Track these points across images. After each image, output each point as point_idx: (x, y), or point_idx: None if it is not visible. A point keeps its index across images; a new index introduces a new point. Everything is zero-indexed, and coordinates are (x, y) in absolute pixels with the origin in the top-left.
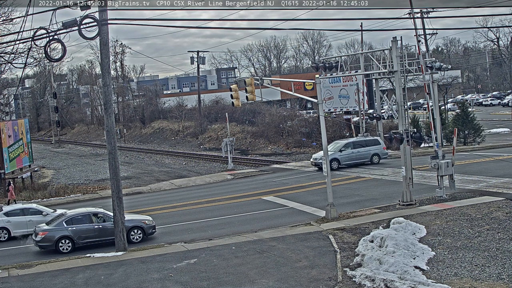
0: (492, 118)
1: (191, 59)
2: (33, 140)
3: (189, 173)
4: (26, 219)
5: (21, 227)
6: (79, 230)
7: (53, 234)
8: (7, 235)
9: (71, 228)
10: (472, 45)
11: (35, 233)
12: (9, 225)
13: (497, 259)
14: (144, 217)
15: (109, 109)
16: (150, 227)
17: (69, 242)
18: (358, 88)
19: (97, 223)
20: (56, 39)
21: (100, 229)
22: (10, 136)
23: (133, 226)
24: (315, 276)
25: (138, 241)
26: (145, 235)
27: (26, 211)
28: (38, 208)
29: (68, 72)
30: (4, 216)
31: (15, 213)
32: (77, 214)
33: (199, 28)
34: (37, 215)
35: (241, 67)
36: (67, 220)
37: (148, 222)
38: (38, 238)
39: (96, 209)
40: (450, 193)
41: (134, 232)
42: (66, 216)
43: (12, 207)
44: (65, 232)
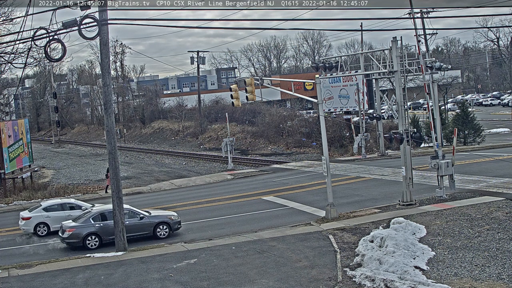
0: (492, 118)
1: (191, 59)
2: (33, 140)
3: (189, 173)
4: (65, 214)
5: (60, 221)
6: (106, 226)
7: (80, 231)
8: (46, 230)
9: (98, 225)
10: (472, 45)
11: (62, 230)
12: (48, 220)
13: (497, 259)
14: (170, 213)
15: (109, 109)
16: (176, 223)
17: (96, 238)
18: (358, 88)
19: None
20: (56, 39)
21: (126, 225)
22: (10, 136)
23: (160, 222)
24: (315, 276)
25: (164, 237)
26: (171, 230)
27: (65, 206)
28: (77, 203)
29: (68, 72)
30: (43, 211)
31: (54, 208)
32: (104, 210)
33: (202, 28)
34: (76, 210)
35: (241, 67)
36: (94, 217)
37: (174, 218)
38: (66, 235)
39: (123, 206)
40: (450, 193)
41: (160, 227)
42: (92, 212)
43: (51, 202)
44: (92, 229)
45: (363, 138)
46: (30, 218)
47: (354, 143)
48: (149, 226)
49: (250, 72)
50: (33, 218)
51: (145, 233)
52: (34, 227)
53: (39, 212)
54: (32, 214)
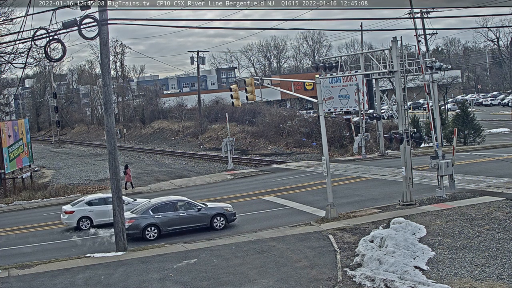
0: (492, 118)
1: (191, 59)
2: (33, 140)
3: (189, 173)
4: (107, 208)
5: (103, 216)
6: (165, 218)
7: (139, 222)
8: (89, 223)
9: (157, 216)
10: (472, 45)
11: None
12: (92, 214)
13: (497, 259)
14: (226, 205)
15: (109, 109)
16: (231, 214)
17: (155, 230)
18: (358, 88)
19: (182, 211)
20: (56, 39)
21: (184, 216)
22: (10, 136)
23: (216, 213)
24: (315, 276)
25: (221, 228)
26: (227, 222)
27: (107, 200)
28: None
29: (68, 72)
30: (86, 205)
31: (97, 202)
32: (162, 202)
33: (202, 28)
34: None
35: (241, 67)
36: (153, 208)
37: (230, 210)
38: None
39: (180, 197)
40: (450, 193)
41: (217, 219)
42: (152, 204)
43: (94, 196)
44: (151, 220)
45: (363, 138)
46: (73, 212)
47: (354, 143)
48: (206, 217)
49: (250, 72)
50: (76, 212)
51: (202, 225)
52: (77, 221)
53: (82, 206)
54: (75, 208)
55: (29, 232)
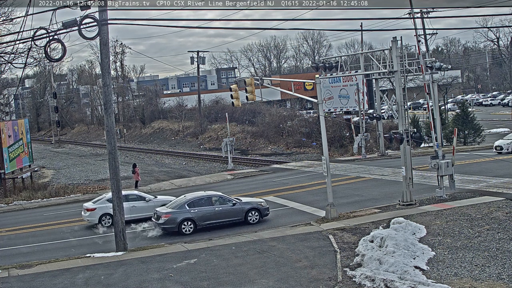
0: (492, 118)
1: (191, 59)
2: (33, 140)
3: (189, 173)
4: (129, 205)
5: (125, 213)
6: (201, 212)
7: (176, 217)
8: (110, 220)
9: (193, 211)
10: (472, 45)
11: (156, 215)
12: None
13: (497, 259)
14: (259, 200)
15: (109, 109)
16: (265, 209)
17: (191, 224)
18: (358, 88)
19: (217, 206)
20: (56, 39)
21: (219, 211)
22: (10, 136)
23: (251, 208)
24: (315, 276)
25: (255, 222)
26: (261, 216)
27: (129, 197)
28: (140, 194)
29: (68, 72)
30: (107, 203)
31: None
32: (198, 197)
33: (202, 28)
34: (140, 201)
35: (241, 67)
36: (189, 203)
37: (264, 205)
38: (162, 221)
39: (215, 192)
40: (450, 193)
41: (251, 213)
42: (188, 199)
43: None
44: (187, 215)
45: (363, 138)
46: (95, 209)
47: (354, 143)
48: (241, 212)
49: (250, 72)
50: (98, 209)
51: (237, 219)
52: (99, 218)
53: (103, 203)
54: (97, 205)
55: (29, 232)
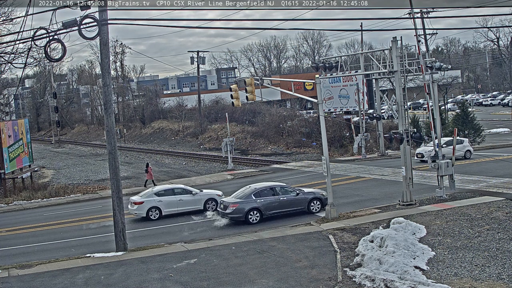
0: (492, 118)
1: (191, 59)
2: (33, 140)
3: (189, 173)
4: (176, 199)
5: (172, 206)
6: (266, 202)
7: (243, 206)
8: (158, 214)
9: (260, 200)
10: (472, 45)
11: (223, 206)
12: (161, 204)
13: (497, 259)
14: (320, 190)
15: (109, 109)
16: (326, 199)
17: (258, 214)
18: (358, 88)
19: (281, 196)
20: (56, 39)
21: (284, 201)
22: (10, 136)
23: (313, 197)
24: (315, 276)
25: (316, 212)
26: (322, 206)
27: (176, 191)
28: (187, 188)
29: (68, 72)
30: (155, 196)
31: (166, 193)
32: (263, 187)
33: (203, 28)
34: (186, 195)
35: (241, 67)
36: (255, 193)
37: (324, 194)
38: (229, 211)
39: (279, 183)
40: (450, 193)
41: (313, 203)
42: (253, 189)
43: (163, 187)
44: (254, 204)
45: (363, 138)
46: (142, 203)
47: (354, 143)
48: (304, 201)
49: (250, 72)
50: (145, 202)
51: (300, 208)
52: (147, 212)
53: (151, 196)
54: (145, 199)
55: (29, 232)
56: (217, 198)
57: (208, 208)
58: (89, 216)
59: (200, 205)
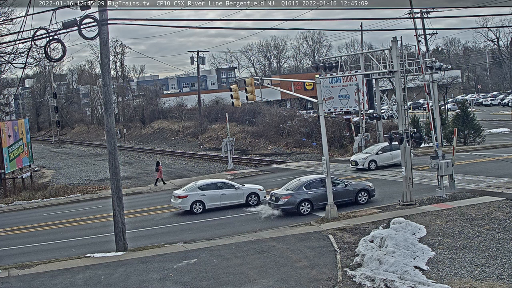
0: (492, 118)
1: (191, 59)
2: (33, 140)
3: (189, 173)
4: (219, 193)
5: (215, 200)
6: (317, 193)
7: (295, 198)
8: (201, 208)
9: (310, 192)
10: (472, 45)
11: (275, 197)
12: (204, 198)
13: (497, 259)
14: (368, 183)
15: (109, 109)
16: (372, 190)
17: (309, 205)
18: (358, 88)
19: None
20: (56, 39)
21: (333, 192)
22: (10, 136)
23: (361, 189)
24: (315, 276)
25: (364, 203)
26: (369, 197)
27: (219, 185)
28: (230, 183)
29: (68, 72)
30: (199, 190)
31: (210, 187)
32: (313, 179)
33: (203, 28)
34: (229, 189)
35: (241, 67)
36: (306, 185)
37: (371, 186)
38: (281, 202)
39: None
40: (450, 193)
41: (361, 194)
42: (304, 181)
43: (206, 181)
44: (305, 196)
45: (363, 138)
46: (186, 197)
47: (354, 143)
48: (352, 193)
49: (250, 72)
50: (189, 196)
51: (348, 199)
52: (190, 205)
53: (195, 190)
54: (189, 193)
55: (29, 232)
56: (259, 193)
57: (250, 202)
58: (89, 216)
59: (242, 199)
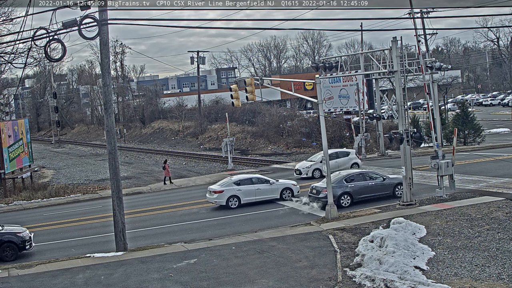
0: (492, 118)
1: (191, 59)
2: (33, 140)
3: (189, 173)
4: (254, 188)
5: (250, 195)
6: (357, 187)
7: (335, 191)
8: (237, 202)
9: (350, 185)
10: (472, 45)
11: (316, 191)
12: (240, 193)
13: (497, 259)
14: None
15: (109, 109)
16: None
17: (349, 198)
18: (358, 88)
19: (370, 181)
20: (56, 39)
21: (372, 185)
22: (10, 136)
23: (398, 183)
24: (315, 276)
25: (400, 196)
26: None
27: (254, 180)
28: (264, 178)
29: (68, 72)
30: (234, 185)
31: (245, 182)
32: (353, 172)
33: (203, 28)
34: (264, 184)
35: (241, 67)
36: (346, 178)
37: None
38: (322, 195)
39: (366, 170)
40: (450, 193)
41: (398, 188)
42: (344, 175)
43: (241, 177)
44: (345, 189)
45: (363, 138)
46: (223, 191)
47: (354, 143)
48: (390, 186)
49: (250, 72)
50: (225, 191)
51: (386, 193)
52: (226, 200)
53: (230, 185)
54: (225, 188)
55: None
56: (293, 187)
57: (284, 196)
58: (89, 216)
59: (277, 194)
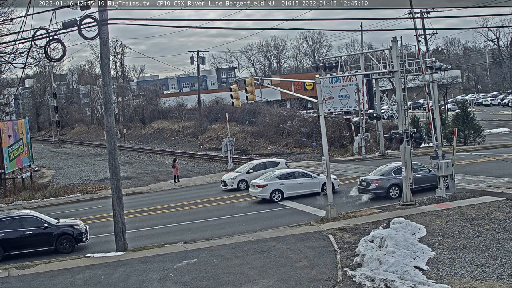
0: (492, 118)
1: (191, 59)
2: (33, 140)
3: (189, 173)
4: (297, 181)
5: (293, 189)
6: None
7: (385, 183)
8: (280, 196)
9: (399, 177)
10: (472, 45)
11: (366, 183)
12: (283, 187)
13: (497, 259)
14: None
15: (109, 109)
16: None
17: (397, 189)
18: (358, 88)
19: (417, 172)
20: (56, 39)
21: (420, 177)
22: (10, 136)
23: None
24: (315, 276)
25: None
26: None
27: (296, 174)
28: (306, 172)
29: (68, 72)
30: (277, 179)
31: (288, 176)
32: (397, 166)
33: (203, 28)
34: (306, 178)
35: (241, 67)
36: (395, 170)
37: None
38: (372, 187)
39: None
40: (450, 193)
41: (392, 189)
42: (394, 166)
43: (284, 171)
44: (395, 181)
45: (363, 138)
46: (266, 186)
47: (354, 143)
48: (435, 178)
49: (250, 72)
50: (269, 185)
51: (433, 184)
52: (270, 194)
53: (274, 180)
54: (268, 182)
55: None
56: (334, 181)
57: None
58: (89, 216)
59: (318, 188)
